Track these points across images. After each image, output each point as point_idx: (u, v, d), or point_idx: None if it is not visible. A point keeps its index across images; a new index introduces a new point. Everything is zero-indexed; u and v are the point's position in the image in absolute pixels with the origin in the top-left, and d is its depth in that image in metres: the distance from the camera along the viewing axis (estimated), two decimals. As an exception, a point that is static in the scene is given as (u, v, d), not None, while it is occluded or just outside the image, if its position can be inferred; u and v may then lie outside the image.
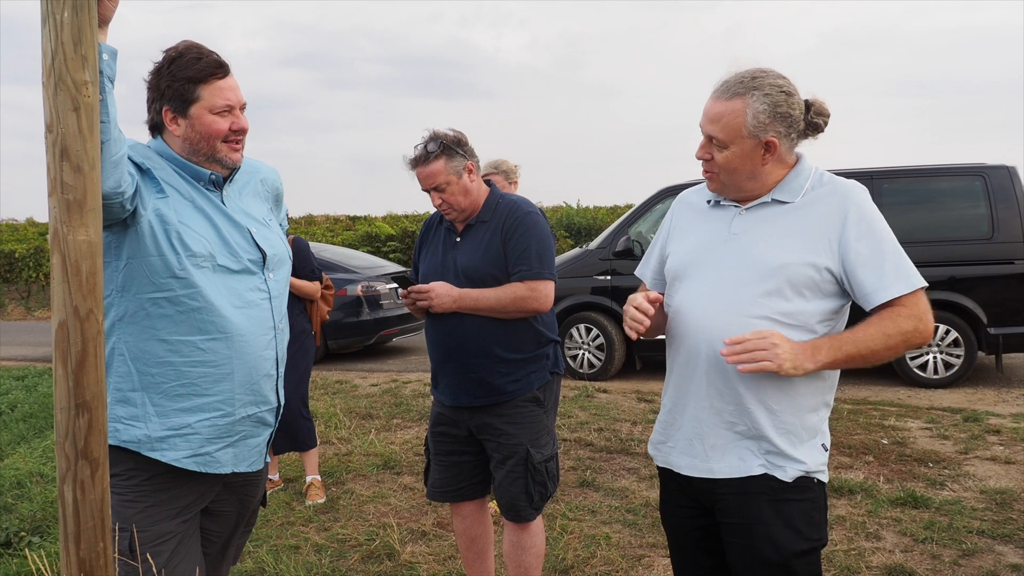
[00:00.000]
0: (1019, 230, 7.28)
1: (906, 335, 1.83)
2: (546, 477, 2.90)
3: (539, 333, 2.94)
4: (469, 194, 2.88)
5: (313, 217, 25.02)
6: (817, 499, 1.96)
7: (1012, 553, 3.72)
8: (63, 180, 1.57)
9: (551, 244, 2.95)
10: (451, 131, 2.90)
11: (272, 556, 3.87)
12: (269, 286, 2.15)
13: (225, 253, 2.05)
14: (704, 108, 1.96)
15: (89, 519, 1.65)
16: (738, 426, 1.94)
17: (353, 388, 8.16)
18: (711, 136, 1.93)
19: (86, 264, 1.60)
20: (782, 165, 1.97)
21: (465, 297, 2.81)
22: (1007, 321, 7.31)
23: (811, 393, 1.94)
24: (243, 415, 2.09)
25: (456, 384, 2.90)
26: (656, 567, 3.69)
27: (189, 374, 2.00)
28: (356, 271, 10.20)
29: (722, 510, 1.99)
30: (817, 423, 1.97)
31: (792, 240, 1.91)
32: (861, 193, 1.93)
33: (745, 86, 1.89)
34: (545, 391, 2.96)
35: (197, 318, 1.99)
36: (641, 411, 6.78)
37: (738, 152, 1.91)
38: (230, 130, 2.07)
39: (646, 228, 8.50)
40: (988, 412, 6.42)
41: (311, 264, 4.80)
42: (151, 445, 1.99)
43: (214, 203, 2.10)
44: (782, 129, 1.91)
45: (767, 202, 1.97)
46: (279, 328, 2.18)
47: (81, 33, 1.55)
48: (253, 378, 2.09)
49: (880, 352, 1.84)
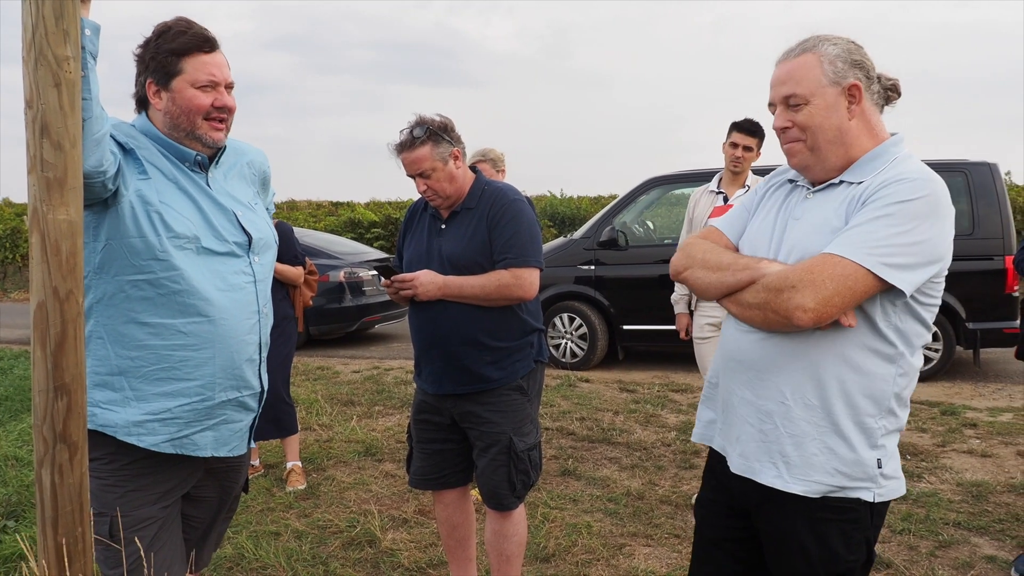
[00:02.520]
0: (999, 226, 7.34)
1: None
2: (529, 466, 2.89)
3: (524, 321, 2.92)
4: (455, 181, 2.85)
5: (296, 202, 24.83)
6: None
7: (987, 544, 3.77)
8: (43, 158, 1.54)
9: (537, 232, 2.93)
10: (438, 117, 2.87)
11: (252, 542, 3.85)
12: (254, 269, 2.12)
13: (210, 235, 2.02)
14: (772, 78, 1.83)
15: (67, 503, 1.63)
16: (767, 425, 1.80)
17: (335, 374, 8.13)
18: (787, 97, 1.78)
19: (66, 244, 1.58)
20: (870, 133, 1.79)
21: (450, 285, 2.79)
22: (985, 316, 7.38)
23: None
24: (224, 399, 2.06)
25: (440, 372, 2.88)
26: (636, 555, 3.71)
27: (170, 358, 1.97)
28: (339, 257, 10.14)
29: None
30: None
31: (837, 224, 1.74)
32: (906, 184, 1.68)
33: (811, 42, 1.78)
34: (529, 380, 2.95)
35: (178, 301, 1.96)
36: (623, 401, 6.80)
37: (822, 105, 1.74)
38: (212, 106, 2.02)
39: (631, 218, 8.51)
40: (965, 406, 6.49)
41: (294, 249, 4.76)
42: (128, 430, 1.96)
43: (199, 185, 2.06)
44: (862, 76, 1.76)
45: (835, 183, 1.79)
46: (263, 312, 2.15)
47: (63, 7, 1.52)
48: (235, 362, 2.06)
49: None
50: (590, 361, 8.27)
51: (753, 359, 1.82)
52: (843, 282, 1.64)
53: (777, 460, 1.78)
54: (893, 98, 1.85)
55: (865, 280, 1.64)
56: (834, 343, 1.73)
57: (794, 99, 1.77)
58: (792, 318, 1.66)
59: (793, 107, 1.78)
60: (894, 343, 1.74)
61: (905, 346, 1.76)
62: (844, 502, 1.77)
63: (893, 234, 1.65)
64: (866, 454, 1.75)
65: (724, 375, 1.93)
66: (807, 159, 1.80)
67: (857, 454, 1.75)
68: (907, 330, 1.75)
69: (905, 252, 1.65)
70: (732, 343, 1.89)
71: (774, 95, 1.82)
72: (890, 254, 1.65)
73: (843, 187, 1.78)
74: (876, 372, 1.74)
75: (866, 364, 1.74)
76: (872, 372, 1.74)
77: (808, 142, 1.78)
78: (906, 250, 1.65)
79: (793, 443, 1.76)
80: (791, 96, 1.77)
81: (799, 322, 1.66)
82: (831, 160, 1.79)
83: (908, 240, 1.66)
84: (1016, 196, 14.40)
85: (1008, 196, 7.58)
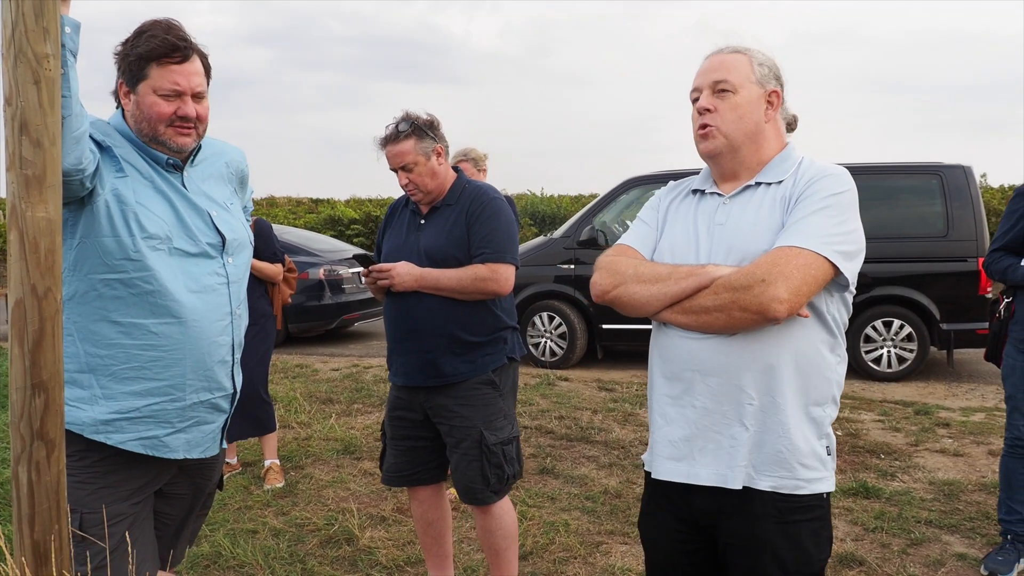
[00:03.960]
0: (973, 228, 7.44)
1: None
2: (502, 459, 2.90)
3: (497, 317, 2.95)
4: (436, 176, 2.90)
5: (275, 199, 24.71)
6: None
7: (958, 542, 3.83)
8: (22, 155, 1.54)
9: (514, 230, 2.98)
10: (425, 114, 2.93)
11: (229, 540, 3.84)
12: (228, 271, 2.11)
13: (183, 236, 2.01)
14: (702, 67, 1.89)
15: (44, 500, 1.62)
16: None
17: (314, 372, 8.11)
18: (718, 82, 1.83)
19: (45, 241, 1.58)
20: (777, 139, 1.90)
21: (426, 277, 2.83)
22: (959, 317, 7.48)
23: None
24: (195, 400, 2.06)
25: (410, 364, 2.91)
26: (613, 553, 3.74)
27: (140, 357, 1.97)
28: (318, 255, 10.11)
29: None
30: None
31: (774, 223, 1.80)
32: (832, 179, 1.79)
33: (743, 47, 1.88)
34: (501, 375, 2.97)
35: (150, 301, 1.95)
36: (602, 400, 6.83)
37: (747, 97, 1.83)
38: (175, 115, 2.00)
39: (610, 218, 8.54)
40: (939, 406, 6.59)
41: (273, 246, 4.75)
42: (96, 428, 1.96)
43: (174, 185, 2.05)
44: (780, 89, 1.88)
45: (752, 186, 1.86)
46: (236, 314, 2.14)
47: (43, 5, 1.52)
48: (206, 364, 2.05)
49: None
50: (569, 360, 8.30)
51: (713, 365, 1.80)
52: (808, 271, 1.69)
53: (747, 464, 1.78)
54: (792, 127, 1.95)
55: (824, 268, 1.71)
56: (790, 337, 1.76)
57: (724, 85, 1.83)
58: (768, 311, 1.68)
59: (720, 92, 1.84)
60: (834, 332, 1.83)
61: (840, 334, 1.85)
62: (809, 499, 1.79)
63: (834, 223, 1.74)
64: (817, 444, 1.81)
65: (674, 389, 1.87)
66: (720, 145, 1.85)
67: (812, 445, 1.80)
68: (840, 319, 1.84)
69: (846, 240, 1.74)
70: (684, 354, 1.84)
71: (702, 81, 1.87)
72: (838, 242, 1.73)
73: (763, 188, 1.84)
74: (824, 362, 1.81)
75: (817, 355, 1.80)
76: (821, 362, 1.80)
77: (724, 129, 1.84)
78: (847, 238, 1.75)
79: (762, 443, 1.78)
80: (722, 82, 1.84)
81: (775, 314, 1.68)
82: (742, 152, 1.86)
83: (846, 229, 1.75)
84: (991, 199, 14.62)
85: (983, 198, 7.69)
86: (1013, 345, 3.52)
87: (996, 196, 15.47)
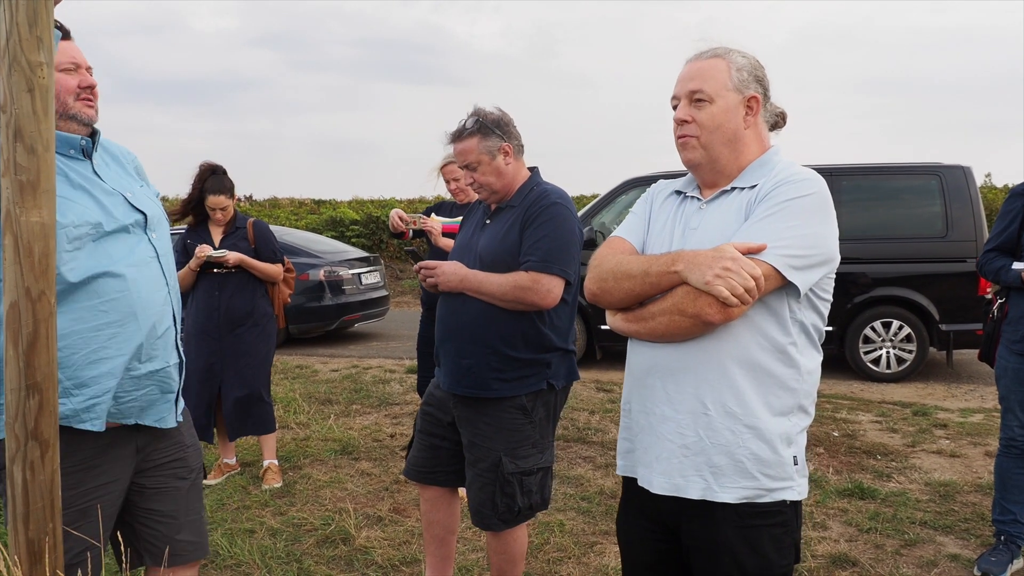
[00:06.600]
0: (972, 229, 7.46)
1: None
2: (517, 489, 2.73)
3: (543, 336, 2.75)
4: (502, 176, 2.80)
5: (278, 200, 24.76)
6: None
7: (952, 544, 3.85)
8: (16, 161, 1.57)
9: (571, 240, 2.77)
10: (496, 110, 2.84)
11: (227, 539, 3.87)
12: (155, 245, 2.19)
13: (109, 219, 2.08)
14: (681, 74, 1.90)
15: (38, 499, 1.66)
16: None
17: (313, 373, 8.14)
18: (693, 92, 1.85)
19: (39, 245, 1.61)
20: (759, 144, 1.89)
21: (470, 279, 2.72)
22: (958, 318, 7.50)
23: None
24: (149, 370, 2.13)
25: (447, 367, 2.82)
26: (607, 554, 3.76)
27: (96, 338, 2.02)
28: (319, 256, 10.15)
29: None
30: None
31: (739, 227, 1.79)
32: (791, 184, 1.78)
33: (723, 50, 1.88)
34: (536, 400, 2.77)
35: (93, 284, 2.01)
36: (599, 400, 6.85)
37: (723, 106, 1.83)
38: (79, 87, 2.09)
39: (609, 219, 8.56)
40: (937, 406, 6.60)
41: (272, 246, 4.78)
42: (79, 418, 2.01)
43: (85, 175, 2.12)
44: (761, 92, 1.87)
45: (727, 191, 1.87)
46: (171, 285, 2.23)
47: (36, 14, 1.55)
48: (157, 331, 2.13)
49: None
50: (569, 361, 8.30)
51: (671, 371, 1.81)
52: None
53: (704, 472, 1.79)
54: (780, 124, 1.96)
55: (766, 273, 1.69)
56: (747, 346, 1.76)
57: (699, 95, 1.84)
58: (703, 315, 1.70)
59: (697, 102, 1.85)
60: (804, 340, 1.81)
61: (811, 341, 1.83)
62: (771, 506, 1.79)
63: (783, 228, 1.72)
64: (784, 453, 1.79)
65: (638, 396, 1.91)
66: (699, 155, 1.87)
67: (778, 454, 1.78)
68: (811, 325, 1.82)
69: (796, 245, 1.72)
70: (647, 361, 1.88)
71: (680, 89, 1.89)
72: (784, 247, 1.71)
73: (736, 193, 1.85)
74: (787, 371, 1.79)
75: (778, 364, 1.78)
76: (783, 371, 1.78)
77: (703, 139, 1.85)
78: (797, 243, 1.72)
79: (718, 452, 1.78)
80: (697, 92, 1.84)
81: (709, 318, 1.69)
82: (721, 161, 1.87)
83: (797, 233, 1.72)
84: (995, 199, 14.60)
85: (986, 199, 7.70)
86: (1006, 346, 3.53)
87: (1000, 196, 15.47)
